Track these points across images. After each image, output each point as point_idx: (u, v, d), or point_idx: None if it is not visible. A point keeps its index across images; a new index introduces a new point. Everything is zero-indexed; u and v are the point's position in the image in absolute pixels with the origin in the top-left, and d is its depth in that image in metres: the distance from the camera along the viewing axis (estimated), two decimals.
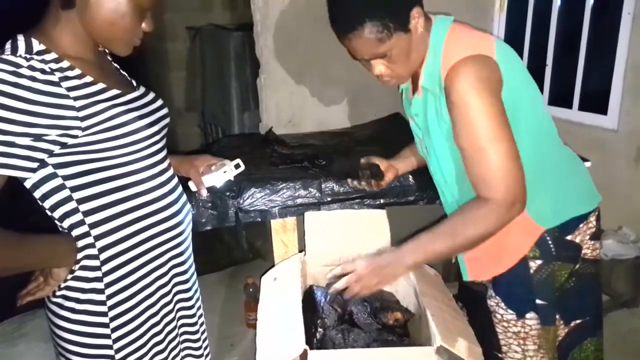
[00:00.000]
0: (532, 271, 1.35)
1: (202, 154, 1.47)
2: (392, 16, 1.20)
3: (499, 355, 1.43)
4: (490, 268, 1.40)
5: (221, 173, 1.41)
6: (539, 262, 1.35)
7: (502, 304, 1.40)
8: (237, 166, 1.44)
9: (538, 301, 1.36)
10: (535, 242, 1.34)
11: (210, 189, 1.42)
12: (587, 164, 1.94)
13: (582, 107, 2.84)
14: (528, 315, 1.37)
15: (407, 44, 1.24)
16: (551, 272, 1.35)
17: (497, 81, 1.21)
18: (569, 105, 2.88)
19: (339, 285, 1.37)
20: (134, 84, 1.20)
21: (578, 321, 1.43)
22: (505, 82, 1.22)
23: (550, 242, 1.34)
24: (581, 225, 1.37)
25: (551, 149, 1.38)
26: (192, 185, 1.43)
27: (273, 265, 1.73)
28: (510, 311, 1.39)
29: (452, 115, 1.23)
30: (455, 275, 1.63)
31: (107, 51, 1.17)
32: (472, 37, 1.27)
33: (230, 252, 3.38)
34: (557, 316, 1.40)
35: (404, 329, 1.51)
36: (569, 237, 1.36)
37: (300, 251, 1.72)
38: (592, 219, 1.40)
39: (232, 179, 1.43)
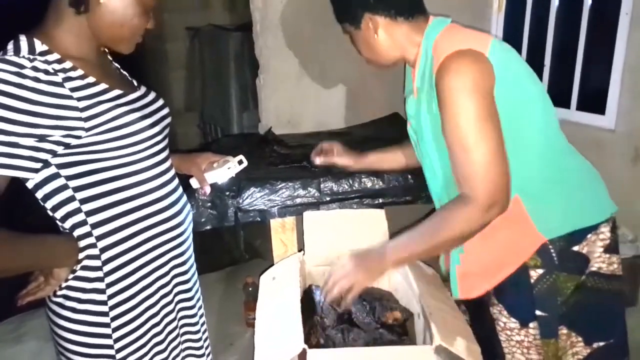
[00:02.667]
0: (532, 280, 1.32)
1: (203, 152, 1.47)
2: (343, 12, 1.38)
3: None
4: (483, 284, 1.38)
5: (225, 169, 1.41)
6: (540, 271, 1.31)
7: (505, 312, 1.37)
8: (240, 162, 1.44)
9: (537, 312, 1.33)
10: (537, 251, 1.31)
11: (213, 186, 1.43)
12: None
13: (580, 107, 2.85)
14: (531, 325, 1.34)
15: (364, 37, 1.36)
16: (553, 283, 1.32)
17: (488, 77, 1.20)
18: (567, 105, 2.88)
19: (329, 285, 1.33)
20: (135, 84, 1.20)
21: (601, 343, 1.37)
22: (500, 80, 1.21)
23: (553, 251, 1.30)
24: (589, 236, 1.32)
25: (562, 155, 1.36)
26: (194, 183, 1.43)
27: (272, 265, 1.73)
28: (513, 319, 1.36)
29: (440, 111, 1.23)
30: None
31: (107, 51, 1.18)
32: (465, 35, 1.28)
33: (230, 251, 3.38)
34: (565, 330, 1.35)
35: (403, 328, 1.51)
36: (575, 248, 1.32)
37: (299, 251, 1.72)
38: (605, 229, 1.35)
39: (234, 175, 1.43)
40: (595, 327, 1.38)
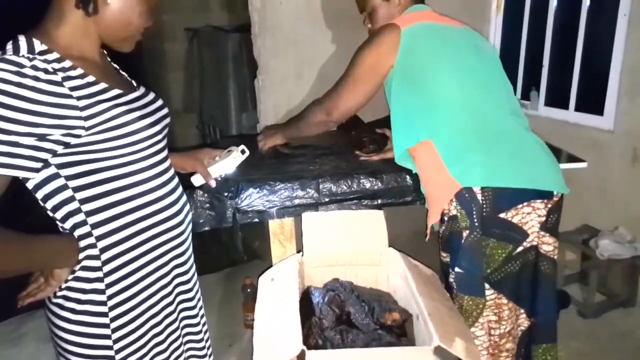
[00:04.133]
0: (462, 241, 1.45)
1: (202, 148, 1.48)
2: None
3: None
4: (437, 213, 1.56)
5: (230, 159, 1.42)
6: (467, 231, 1.44)
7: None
8: (243, 152, 1.45)
9: (457, 269, 1.45)
10: (466, 214, 1.44)
11: (217, 180, 1.44)
12: (584, 164, 1.95)
13: (578, 108, 2.85)
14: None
15: (385, 10, 1.77)
16: (474, 243, 1.43)
17: (388, 39, 1.61)
18: (565, 106, 2.89)
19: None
20: (134, 84, 1.20)
21: (539, 319, 1.51)
22: (409, 49, 1.58)
23: (475, 212, 1.42)
24: (520, 206, 1.41)
25: (491, 117, 1.52)
26: (196, 180, 1.43)
27: (271, 266, 1.73)
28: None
29: None
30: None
31: (105, 52, 1.18)
32: (412, 15, 1.69)
33: (228, 252, 3.38)
34: (506, 300, 1.46)
35: (402, 329, 1.51)
36: (502, 215, 1.41)
37: (298, 252, 1.72)
38: (540, 205, 1.44)
39: (236, 168, 1.44)
40: (528, 300, 1.50)
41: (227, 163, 1.42)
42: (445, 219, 1.53)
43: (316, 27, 2.56)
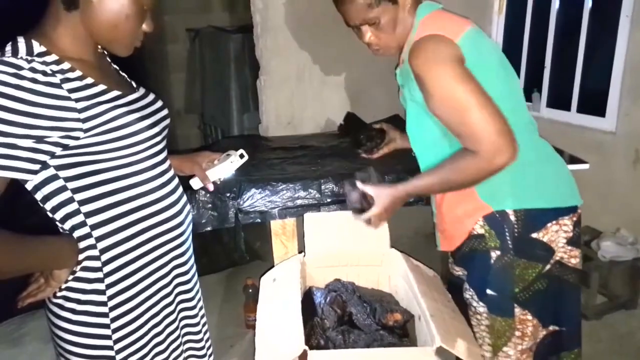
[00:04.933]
0: (492, 262, 1.39)
1: (202, 151, 1.48)
2: None
3: None
4: (451, 240, 1.47)
5: (228, 163, 1.42)
6: (498, 252, 1.38)
7: (475, 297, 1.43)
8: (241, 156, 1.45)
9: (488, 291, 1.39)
10: (496, 233, 1.37)
11: (214, 185, 1.43)
12: (586, 166, 1.94)
13: (580, 110, 2.85)
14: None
15: (394, 15, 1.37)
16: (507, 265, 1.37)
17: (455, 55, 1.27)
18: (567, 107, 2.89)
19: (365, 217, 1.44)
20: (134, 85, 1.20)
21: (556, 328, 1.45)
22: (468, 65, 1.27)
23: (507, 234, 1.36)
24: (549, 225, 1.37)
25: (525, 137, 1.37)
26: (194, 183, 1.43)
27: (272, 266, 1.73)
28: (482, 304, 1.41)
29: (421, 89, 1.30)
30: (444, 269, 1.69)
31: (106, 52, 1.18)
32: (445, 21, 1.36)
33: (230, 253, 3.38)
34: (531, 317, 1.41)
35: (404, 330, 1.51)
36: (534, 235, 1.37)
37: (300, 252, 1.72)
38: (567, 222, 1.39)
39: (235, 172, 1.44)
40: (551, 311, 1.44)
41: (225, 167, 1.42)
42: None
43: (318, 28, 2.56)
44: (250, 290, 2.51)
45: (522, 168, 1.35)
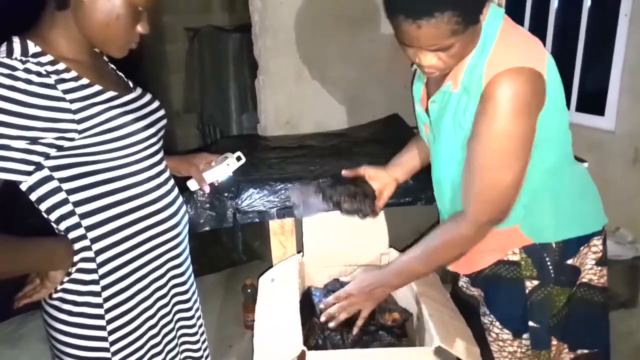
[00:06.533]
0: (527, 291, 1.32)
1: (199, 152, 1.47)
2: (474, 6, 1.10)
3: None
4: (471, 265, 1.40)
5: (224, 166, 1.41)
6: (535, 282, 1.31)
7: (497, 323, 1.37)
8: (238, 159, 1.44)
9: (531, 323, 1.33)
10: (533, 262, 1.31)
11: (212, 186, 1.43)
12: (585, 165, 1.94)
13: (579, 108, 2.85)
14: (524, 336, 1.34)
15: (471, 37, 1.13)
16: (547, 295, 1.32)
17: (539, 102, 1.15)
18: (566, 106, 2.88)
19: (329, 300, 1.42)
20: (131, 85, 1.20)
21: (586, 351, 1.39)
22: (545, 102, 1.17)
23: (550, 264, 1.30)
24: (582, 248, 1.33)
25: (566, 168, 1.35)
26: (191, 185, 1.43)
27: (271, 267, 1.73)
28: (506, 331, 1.36)
29: (478, 120, 1.17)
30: (452, 277, 1.62)
31: (103, 52, 1.17)
32: (524, 43, 1.20)
33: (228, 253, 3.38)
34: (555, 341, 1.36)
35: (402, 330, 1.51)
36: (569, 262, 1.32)
37: (298, 252, 1.72)
38: (598, 242, 1.34)
39: (232, 174, 1.43)
40: (581, 336, 1.38)
41: (221, 169, 1.42)
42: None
43: (317, 27, 2.55)
44: (249, 290, 2.51)
45: (564, 200, 1.31)
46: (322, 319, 1.40)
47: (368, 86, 2.73)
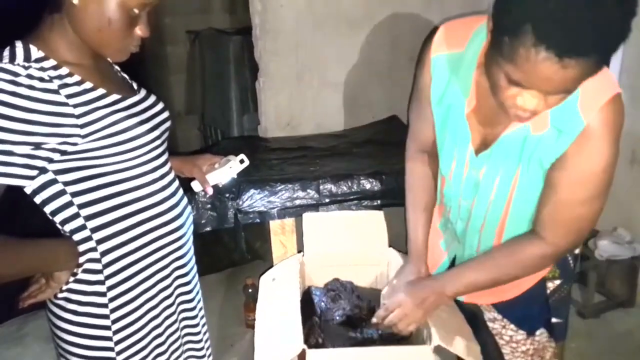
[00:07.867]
0: (548, 291, 1.32)
1: (203, 154, 1.47)
2: (613, 50, 0.91)
3: None
4: (494, 294, 1.35)
5: (227, 169, 1.41)
6: (557, 282, 1.32)
7: (512, 326, 1.37)
8: (241, 161, 1.44)
9: (554, 319, 1.34)
10: (556, 264, 1.31)
11: (215, 187, 1.43)
12: None
13: None
14: (537, 332, 1.36)
15: None
16: (568, 291, 1.34)
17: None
18: None
19: (380, 313, 1.36)
20: (135, 87, 1.19)
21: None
22: None
23: (571, 262, 1.33)
24: None
25: None
26: (195, 186, 1.43)
27: (272, 266, 1.74)
28: (521, 332, 1.36)
29: (576, 156, 1.07)
30: None
31: None
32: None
33: (230, 253, 3.39)
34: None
35: None
36: (577, 251, 1.37)
37: (299, 252, 1.73)
38: None
39: (235, 176, 1.44)
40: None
41: (224, 172, 1.41)
42: None
43: (317, 29, 2.57)
44: (250, 290, 2.52)
45: None
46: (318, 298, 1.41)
47: (368, 88, 2.74)
